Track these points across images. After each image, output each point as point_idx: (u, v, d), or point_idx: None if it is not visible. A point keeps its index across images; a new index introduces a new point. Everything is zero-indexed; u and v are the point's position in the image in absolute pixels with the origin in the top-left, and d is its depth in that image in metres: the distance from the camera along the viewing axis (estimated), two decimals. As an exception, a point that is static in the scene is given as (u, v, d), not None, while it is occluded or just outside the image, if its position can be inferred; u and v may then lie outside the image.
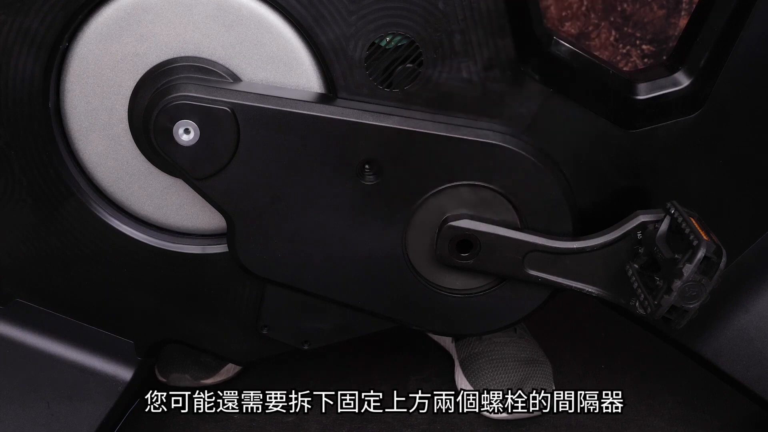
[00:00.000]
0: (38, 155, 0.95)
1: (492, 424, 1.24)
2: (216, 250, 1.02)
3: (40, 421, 1.04)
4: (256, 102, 0.92)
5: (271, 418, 1.24)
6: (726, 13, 0.97)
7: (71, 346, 1.05)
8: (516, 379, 1.25)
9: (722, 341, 1.08)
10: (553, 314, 1.38)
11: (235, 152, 0.94)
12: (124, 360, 1.06)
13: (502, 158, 0.96)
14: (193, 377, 1.29)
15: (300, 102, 0.93)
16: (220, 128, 0.92)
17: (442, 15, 0.91)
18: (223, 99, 0.91)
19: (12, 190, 0.97)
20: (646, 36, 1.85)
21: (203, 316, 1.06)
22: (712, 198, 1.03)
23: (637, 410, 1.26)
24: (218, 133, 0.92)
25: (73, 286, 1.03)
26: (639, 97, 0.99)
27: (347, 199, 0.97)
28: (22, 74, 0.89)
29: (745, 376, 1.09)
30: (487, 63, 0.94)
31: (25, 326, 1.05)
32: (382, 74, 0.94)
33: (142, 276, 1.03)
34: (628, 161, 1.01)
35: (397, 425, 1.23)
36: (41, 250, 1.00)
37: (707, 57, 0.98)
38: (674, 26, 1.85)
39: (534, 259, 0.99)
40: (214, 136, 0.92)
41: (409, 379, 1.33)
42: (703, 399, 1.28)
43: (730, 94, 0.98)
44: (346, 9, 0.90)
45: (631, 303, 0.99)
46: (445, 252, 0.99)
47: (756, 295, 1.08)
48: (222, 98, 0.91)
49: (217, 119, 0.92)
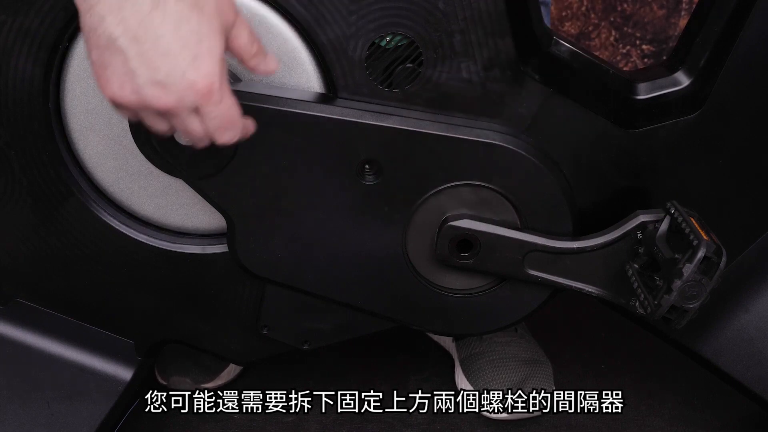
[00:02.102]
0: (38, 155, 0.95)
1: (492, 424, 1.24)
2: (216, 250, 1.02)
3: (40, 421, 1.04)
4: (256, 102, 0.92)
5: (271, 418, 1.24)
6: (726, 13, 0.97)
7: (71, 346, 1.05)
8: (516, 379, 1.25)
9: (722, 341, 1.08)
10: (553, 314, 1.38)
11: (234, 152, 0.94)
12: (124, 360, 1.07)
13: (502, 158, 0.96)
14: (194, 380, 1.29)
15: (300, 102, 0.93)
16: None
17: (442, 15, 0.91)
18: None
19: (12, 190, 0.97)
20: (646, 36, 1.85)
21: (203, 316, 1.06)
22: (712, 198, 1.03)
23: (637, 410, 1.26)
24: None
25: (73, 286, 1.03)
26: (639, 97, 0.99)
27: (347, 199, 0.97)
28: (22, 74, 0.89)
29: (745, 376, 1.09)
30: (487, 63, 0.94)
31: (25, 326, 1.05)
32: (382, 74, 0.94)
33: (142, 276, 1.03)
34: (628, 161, 1.01)
35: (397, 425, 1.23)
36: (41, 250, 1.00)
37: (707, 57, 0.98)
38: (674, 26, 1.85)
39: (534, 259, 0.99)
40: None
41: (409, 379, 1.33)
42: (703, 399, 1.28)
43: (730, 94, 0.98)
44: (346, 9, 0.90)
45: (631, 303, 0.99)
46: (445, 252, 0.99)
47: (756, 295, 1.08)
48: None
49: None
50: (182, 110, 0.76)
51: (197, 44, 0.73)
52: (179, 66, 0.73)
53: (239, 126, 0.80)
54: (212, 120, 0.77)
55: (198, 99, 0.75)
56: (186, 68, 0.73)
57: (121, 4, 0.71)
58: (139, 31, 0.71)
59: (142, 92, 0.74)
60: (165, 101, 0.74)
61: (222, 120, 0.78)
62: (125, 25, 0.71)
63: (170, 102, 0.74)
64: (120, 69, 0.73)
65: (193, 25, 0.73)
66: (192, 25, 0.73)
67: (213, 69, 0.74)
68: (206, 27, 0.73)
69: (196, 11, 0.73)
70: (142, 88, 0.74)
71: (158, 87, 0.73)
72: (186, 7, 0.72)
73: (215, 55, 0.74)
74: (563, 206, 0.98)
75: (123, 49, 0.72)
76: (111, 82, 0.74)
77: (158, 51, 0.72)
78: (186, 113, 0.76)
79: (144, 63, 0.72)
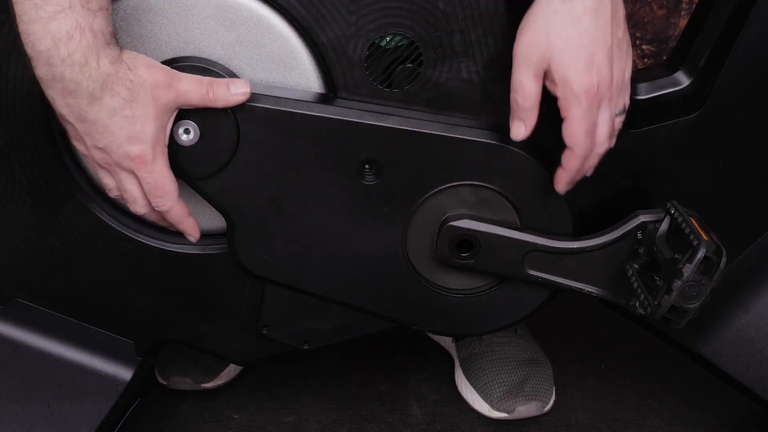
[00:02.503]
0: (38, 155, 0.95)
1: (492, 424, 1.24)
2: (216, 250, 1.02)
3: (40, 421, 1.04)
4: (257, 102, 0.92)
5: (271, 418, 1.24)
6: (726, 13, 0.97)
7: (71, 346, 1.05)
8: (516, 379, 1.25)
9: (722, 341, 1.08)
10: (553, 314, 1.38)
11: (235, 152, 0.94)
12: (124, 360, 1.06)
13: (502, 158, 0.96)
14: (194, 381, 1.29)
15: (300, 102, 0.93)
16: (220, 128, 0.92)
17: (442, 15, 0.91)
18: None
19: (12, 190, 0.97)
20: (646, 36, 1.84)
21: (203, 316, 1.06)
22: (712, 198, 1.03)
23: (637, 410, 1.26)
24: (218, 133, 0.92)
25: (73, 286, 1.03)
26: (639, 97, 0.99)
27: (347, 199, 0.97)
28: (22, 74, 0.89)
29: (745, 376, 1.09)
30: (487, 63, 0.94)
31: (25, 326, 1.05)
32: (382, 74, 0.94)
33: (142, 276, 1.03)
34: (628, 161, 1.01)
35: (397, 425, 1.23)
36: (41, 250, 1.00)
37: (707, 57, 0.98)
38: (674, 26, 1.85)
39: (534, 259, 0.99)
40: (214, 136, 0.92)
41: (409, 379, 1.33)
42: (703, 399, 1.28)
43: (730, 94, 0.98)
44: (346, 9, 0.90)
45: (631, 303, 0.98)
46: (445, 252, 0.99)
47: (756, 295, 1.08)
48: None
49: (217, 119, 0.92)
50: (120, 171, 0.90)
51: (131, 127, 0.87)
52: (117, 140, 0.88)
53: (173, 196, 0.93)
54: (146, 184, 0.91)
55: (133, 165, 0.89)
56: (122, 143, 0.88)
57: (65, 95, 0.85)
58: (81, 115, 0.86)
59: (91, 152, 0.90)
60: (107, 161, 0.90)
61: (154, 185, 0.91)
62: (70, 108, 0.86)
63: (111, 162, 0.89)
64: (72, 133, 0.89)
65: (126, 112, 0.86)
66: (126, 113, 0.86)
67: (145, 146, 0.88)
68: (140, 112, 0.87)
69: (129, 102, 0.86)
70: (90, 150, 0.89)
71: (101, 151, 0.89)
72: (120, 100, 0.86)
73: (148, 133, 0.88)
74: (563, 206, 0.98)
75: (72, 123, 0.87)
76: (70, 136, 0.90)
77: (98, 129, 0.87)
78: (124, 174, 0.91)
79: (88, 135, 0.88)
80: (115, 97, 0.85)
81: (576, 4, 0.87)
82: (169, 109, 0.89)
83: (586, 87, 0.89)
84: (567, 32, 0.88)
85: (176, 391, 1.28)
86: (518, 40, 0.90)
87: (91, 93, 0.84)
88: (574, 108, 0.90)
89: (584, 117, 0.90)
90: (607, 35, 0.89)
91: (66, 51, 0.82)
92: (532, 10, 0.89)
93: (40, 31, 0.81)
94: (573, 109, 0.90)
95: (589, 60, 0.88)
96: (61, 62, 0.82)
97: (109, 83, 0.84)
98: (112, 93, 0.85)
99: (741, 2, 0.95)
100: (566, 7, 0.87)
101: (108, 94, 0.85)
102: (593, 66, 0.89)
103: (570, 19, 0.88)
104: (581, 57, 0.88)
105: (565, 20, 0.88)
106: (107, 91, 0.85)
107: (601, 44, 0.89)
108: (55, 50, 0.82)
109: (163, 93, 0.88)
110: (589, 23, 0.88)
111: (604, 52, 0.89)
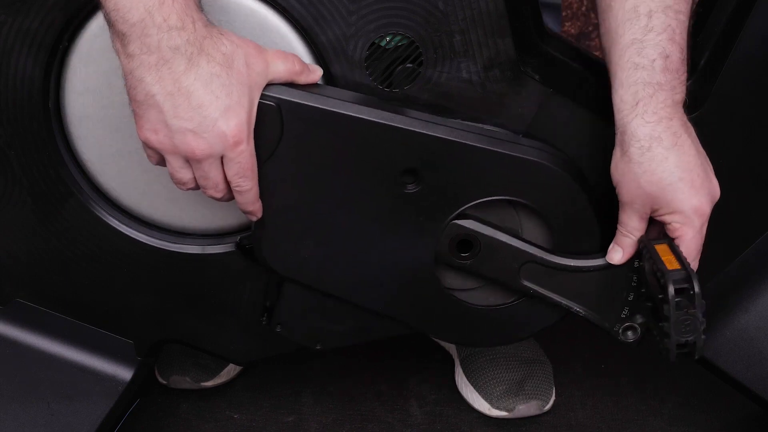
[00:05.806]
0: (38, 155, 0.95)
1: (492, 424, 1.24)
2: (216, 250, 1.02)
3: (40, 421, 1.04)
4: (303, 99, 0.90)
5: (271, 418, 1.24)
6: (726, 13, 0.97)
7: (71, 346, 1.06)
8: (516, 378, 1.25)
9: (722, 341, 1.08)
10: (553, 314, 1.37)
11: (276, 148, 0.92)
12: (124, 360, 1.07)
13: (541, 175, 0.95)
14: (194, 380, 1.29)
15: (347, 103, 0.91)
16: (264, 123, 0.89)
17: (442, 15, 0.91)
18: (269, 94, 0.89)
19: (12, 190, 0.97)
20: (646, 36, 1.84)
21: (203, 316, 1.06)
22: (712, 198, 1.03)
23: (637, 410, 1.26)
24: (261, 128, 0.89)
25: (73, 286, 1.03)
26: (639, 97, 0.99)
27: (383, 204, 0.95)
28: (22, 74, 0.89)
29: (745, 376, 1.09)
30: (487, 63, 0.94)
31: (25, 326, 1.05)
32: (382, 74, 0.94)
33: (142, 276, 1.03)
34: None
35: (397, 425, 1.23)
36: (41, 250, 1.00)
37: (707, 57, 0.98)
38: (674, 26, 1.84)
39: (530, 270, 0.98)
40: (257, 130, 0.89)
41: (409, 379, 1.33)
42: (703, 399, 1.28)
43: (731, 94, 0.98)
44: (346, 9, 0.90)
45: (614, 329, 0.98)
46: (444, 249, 0.98)
47: (756, 295, 1.08)
48: (268, 93, 0.89)
49: (261, 114, 0.89)
50: (210, 157, 0.84)
51: (227, 96, 0.82)
52: (210, 117, 0.81)
53: (256, 176, 0.88)
54: (236, 164, 0.85)
55: (226, 147, 0.83)
56: (217, 119, 0.82)
57: (159, 66, 0.80)
58: (175, 87, 0.80)
59: (175, 139, 0.82)
60: (195, 148, 0.83)
61: (241, 167, 0.86)
62: (162, 83, 0.80)
63: (201, 148, 0.83)
64: (155, 119, 0.82)
65: (223, 80, 0.81)
66: (222, 80, 0.81)
67: (242, 120, 0.83)
68: (236, 80, 0.82)
69: (226, 68, 0.81)
70: (175, 136, 0.82)
71: (191, 135, 0.82)
72: (217, 65, 0.81)
73: (244, 105, 0.83)
74: (594, 225, 0.98)
75: (159, 103, 0.81)
76: (145, 128, 0.83)
77: (191, 104, 0.81)
78: (212, 160, 0.84)
79: (178, 116, 0.81)
80: (211, 63, 0.81)
81: (664, 142, 0.89)
82: (260, 82, 0.86)
83: (695, 208, 0.91)
84: (665, 173, 0.89)
85: (176, 391, 1.28)
86: (621, 185, 0.92)
87: (189, 58, 0.80)
88: (686, 228, 0.92)
89: (695, 236, 0.92)
90: (700, 153, 0.92)
91: (161, 16, 0.79)
92: (625, 154, 0.90)
93: (131, 2, 0.79)
94: (685, 229, 0.92)
95: (690, 185, 0.90)
96: (158, 29, 0.79)
97: (205, 47, 0.81)
98: (209, 58, 0.81)
99: (741, 2, 0.95)
100: (658, 144, 0.89)
101: (204, 59, 0.81)
102: (696, 189, 0.90)
103: (662, 157, 0.89)
104: (685, 186, 0.90)
105: (661, 160, 0.89)
106: (204, 55, 0.81)
107: (696, 165, 0.91)
108: (150, 18, 0.79)
109: (255, 61, 0.84)
110: (679, 154, 0.90)
111: (700, 171, 0.91)
